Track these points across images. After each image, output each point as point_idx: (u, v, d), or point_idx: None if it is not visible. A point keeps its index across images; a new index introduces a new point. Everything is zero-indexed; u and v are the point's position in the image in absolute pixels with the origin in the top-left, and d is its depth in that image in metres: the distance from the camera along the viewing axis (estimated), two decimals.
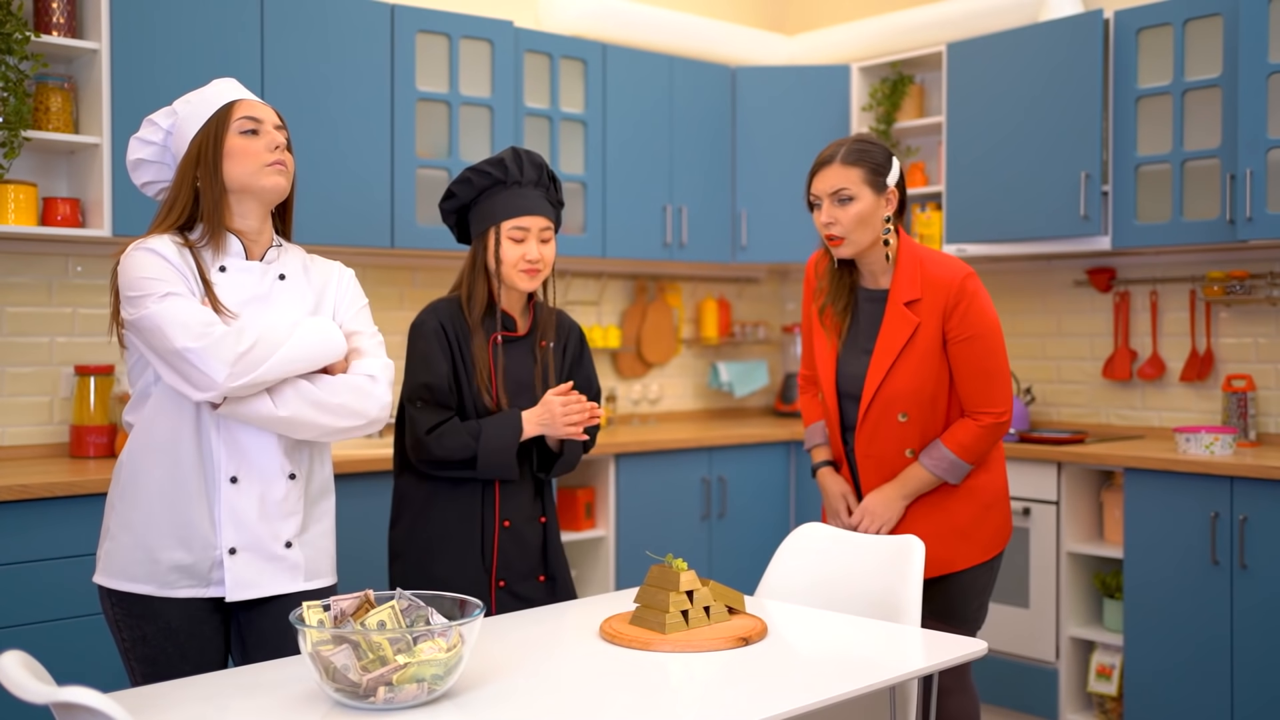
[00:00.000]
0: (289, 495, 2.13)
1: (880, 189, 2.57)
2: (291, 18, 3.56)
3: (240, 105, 2.13)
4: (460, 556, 2.49)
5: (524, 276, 2.51)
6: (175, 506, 2.07)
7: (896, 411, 2.58)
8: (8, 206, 3.17)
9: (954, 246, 4.32)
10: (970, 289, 2.55)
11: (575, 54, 4.27)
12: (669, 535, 4.18)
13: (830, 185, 2.56)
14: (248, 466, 2.09)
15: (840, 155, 2.57)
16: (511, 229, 2.49)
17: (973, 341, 2.55)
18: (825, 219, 2.57)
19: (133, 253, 2.06)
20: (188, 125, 2.13)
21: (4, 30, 3.07)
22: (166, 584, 2.07)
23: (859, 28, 4.79)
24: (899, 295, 2.57)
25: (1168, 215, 3.81)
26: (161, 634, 2.08)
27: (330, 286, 2.24)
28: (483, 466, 2.44)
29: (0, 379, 3.39)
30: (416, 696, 1.64)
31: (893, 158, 2.60)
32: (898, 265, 2.59)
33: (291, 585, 2.14)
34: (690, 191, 4.61)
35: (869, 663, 1.94)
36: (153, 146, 2.18)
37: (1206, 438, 3.56)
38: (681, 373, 5.08)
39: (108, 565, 2.11)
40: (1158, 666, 3.55)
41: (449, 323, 2.52)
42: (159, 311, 1.99)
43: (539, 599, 2.56)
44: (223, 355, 1.98)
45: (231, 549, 2.08)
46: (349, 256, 4.03)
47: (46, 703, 1.39)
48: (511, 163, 2.51)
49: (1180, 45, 3.77)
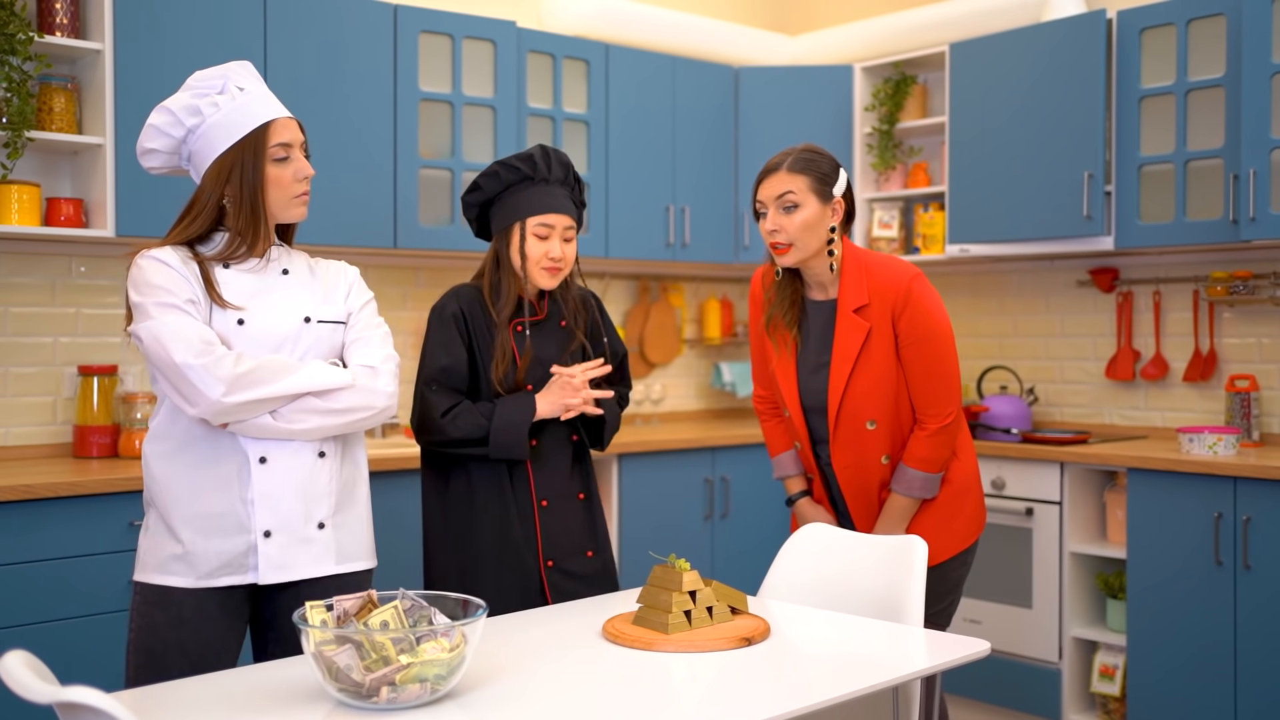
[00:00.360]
0: (319, 473, 2.14)
1: (826, 198, 2.54)
2: (295, 18, 3.57)
3: (275, 130, 2.13)
4: (503, 540, 2.50)
5: (545, 275, 2.53)
6: (208, 496, 2.08)
7: (864, 420, 2.58)
8: (11, 207, 3.18)
9: (957, 246, 4.32)
10: (917, 291, 2.53)
11: (578, 54, 4.27)
12: (672, 535, 4.18)
13: (775, 191, 2.54)
14: (276, 446, 2.10)
15: (787, 163, 2.55)
16: (536, 225, 2.51)
17: (921, 344, 2.54)
18: (770, 225, 2.55)
19: (139, 261, 2.07)
20: (217, 136, 2.12)
21: (7, 31, 3.07)
22: (205, 575, 2.08)
23: (862, 28, 4.79)
24: (847, 303, 2.56)
25: (1171, 215, 3.81)
26: (169, 623, 2.07)
27: (338, 280, 2.27)
28: (494, 445, 2.46)
29: (4, 379, 3.40)
30: (419, 696, 1.64)
31: (840, 169, 2.59)
32: (843, 273, 2.58)
33: (324, 568, 2.15)
34: (693, 191, 4.61)
35: (872, 663, 1.94)
36: (170, 140, 2.16)
37: (1210, 438, 3.56)
38: (684, 373, 5.08)
39: (145, 562, 2.12)
40: (1161, 667, 3.55)
41: (469, 308, 2.54)
42: (160, 325, 2.01)
43: (589, 574, 2.58)
44: (220, 373, 1.98)
45: (266, 532, 2.09)
46: (352, 256, 4.03)
47: (50, 702, 1.39)
48: (540, 160, 2.53)
49: (1183, 45, 3.76)
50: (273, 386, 2.03)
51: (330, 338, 2.19)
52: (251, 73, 2.20)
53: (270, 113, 2.14)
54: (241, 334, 2.09)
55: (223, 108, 2.12)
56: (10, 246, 3.39)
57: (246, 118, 2.12)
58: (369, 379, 2.15)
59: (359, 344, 2.21)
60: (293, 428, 2.08)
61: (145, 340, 2.02)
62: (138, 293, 2.05)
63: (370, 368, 2.17)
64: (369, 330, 2.24)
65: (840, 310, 2.57)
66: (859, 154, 4.71)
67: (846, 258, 2.58)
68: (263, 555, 2.09)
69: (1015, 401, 4.33)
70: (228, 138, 2.11)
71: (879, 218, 4.71)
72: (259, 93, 2.16)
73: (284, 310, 2.15)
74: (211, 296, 2.08)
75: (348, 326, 2.23)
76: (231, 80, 2.15)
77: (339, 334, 2.21)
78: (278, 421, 2.07)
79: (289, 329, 2.14)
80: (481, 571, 2.48)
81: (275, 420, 2.06)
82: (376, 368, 2.17)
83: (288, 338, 2.13)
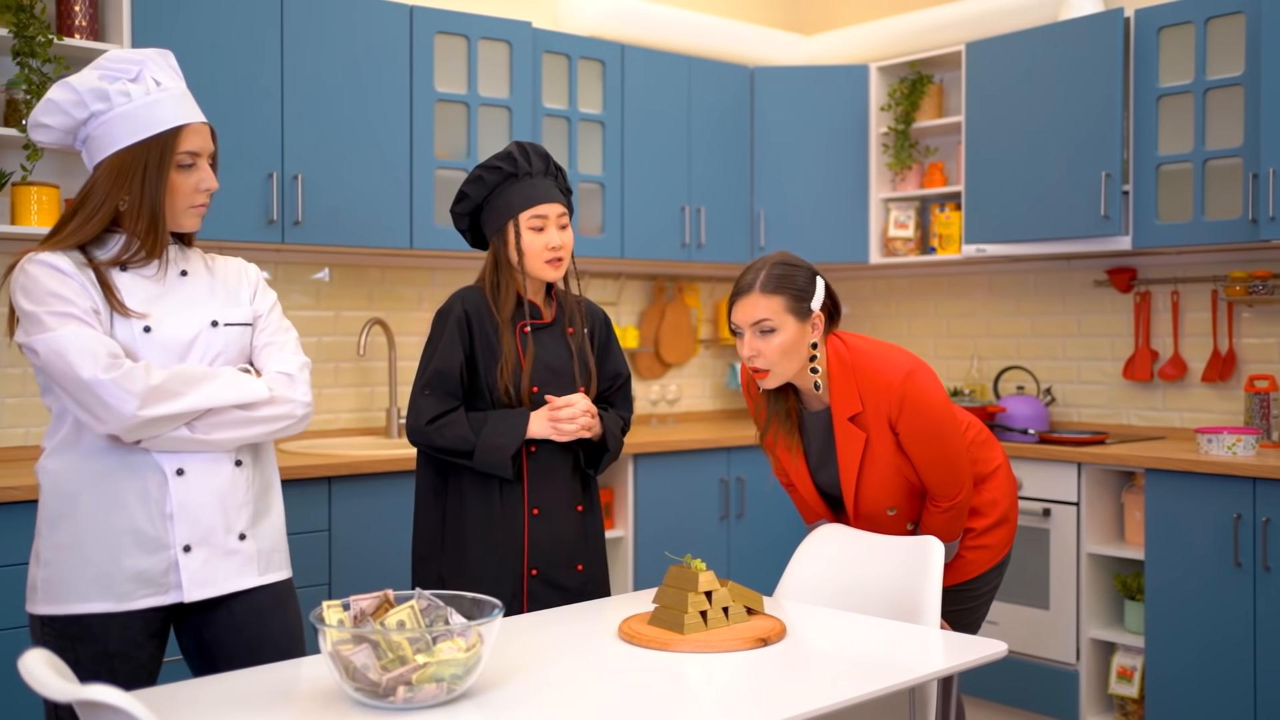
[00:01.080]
0: (238, 482, 2.06)
1: (804, 315, 2.39)
2: (311, 19, 3.58)
3: (185, 136, 2.00)
4: (486, 545, 2.48)
5: (548, 267, 2.50)
6: (122, 512, 1.96)
7: (884, 509, 2.54)
8: (31, 208, 3.20)
9: (973, 246, 4.30)
10: (911, 392, 2.41)
11: (593, 54, 4.27)
12: (687, 535, 4.18)
13: (750, 317, 2.38)
14: (192, 457, 2.00)
15: (759, 283, 2.38)
16: (530, 218, 2.49)
17: (923, 440, 2.46)
18: (748, 352, 2.40)
19: (27, 267, 1.94)
20: (120, 129, 1.97)
21: (27, 33, 3.09)
22: (124, 596, 1.96)
23: (877, 27, 4.78)
24: (840, 412, 2.46)
25: (1189, 215, 3.79)
26: (95, 658, 1.95)
27: (241, 280, 2.16)
28: (478, 462, 2.43)
29: (21, 379, 3.42)
30: (436, 696, 1.64)
31: (816, 277, 2.42)
32: (832, 381, 2.46)
33: (247, 580, 2.06)
34: (708, 192, 4.61)
35: (888, 664, 1.94)
36: (69, 119, 1.99)
37: (1229, 438, 3.54)
38: (700, 373, 5.08)
39: (49, 591, 1.96)
40: (1180, 668, 3.53)
41: (474, 309, 2.51)
42: (60, 337, 1.88)
43: (576, 588, 2.54)
44: (133, 388, 1.87)
45: (186, 546, 1.99)
46: (367, 257, 4.04)
47: (70, 700, 1.39)
48: (519, 155, 2.51)
49: (1202, 43, 3.74)
50: (188, 399, 1.93)
51: (239, 340, 2.09)
52: (172, 66, 2.06)
53: (183, 116, 2.00)
54: (148, 342, 1.98)
55: (134, 99, 1.97)
56: (29, 247, 3.40)
57: (157, 116, 1.97)
58: (287, 388, 2.07)
59: (271, 348, 2.13)
60: (211, 438, 1.98)
61: (43, 353, 1.89)
62: (30, 301, 1.91)
63: (287, 375, 2.09)
64: (280, 335, 2.15)
65: (836, 421, 2.48)
66: (875, 154, 4.70)
67: (833, 364, 2.46)
68: (184, 571, 1.99)
69: (1032, 402, 4.31)
70: (132, 134, 1.96)
71: (895, 218, 4.69)
72: (176, 91, 2.01)
73: (188, 315, 2.04)
74: (112, 304, 1.96)
75: (256, 330, 2.14)
76: (148, 70, 2.00)
77: (247, 336, 2.12)
78: (195, 434, 1.96)
79: (195, 334, 2.03)
80: (462, 574, 2.46)
81: (192, 432, 1.96)
82: (294, 375, 2.09)
83: (195, 343, 2.03)
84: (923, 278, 4.97)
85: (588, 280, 4.66)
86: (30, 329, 1.92)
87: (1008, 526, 2.65)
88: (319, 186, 3.61)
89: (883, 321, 5.11)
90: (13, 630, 2.79)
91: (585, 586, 2.56)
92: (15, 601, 2.77)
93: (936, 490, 2.51)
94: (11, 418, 3.40)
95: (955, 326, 4.86)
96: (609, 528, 4.09)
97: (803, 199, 4.69)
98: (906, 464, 2.50)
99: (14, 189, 3.21)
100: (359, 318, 4.05)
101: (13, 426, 3.40)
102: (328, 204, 3.62)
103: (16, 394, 3.40)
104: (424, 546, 2.55)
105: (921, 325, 4.96)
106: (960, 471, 2.51)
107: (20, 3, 3.08)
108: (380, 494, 3.43)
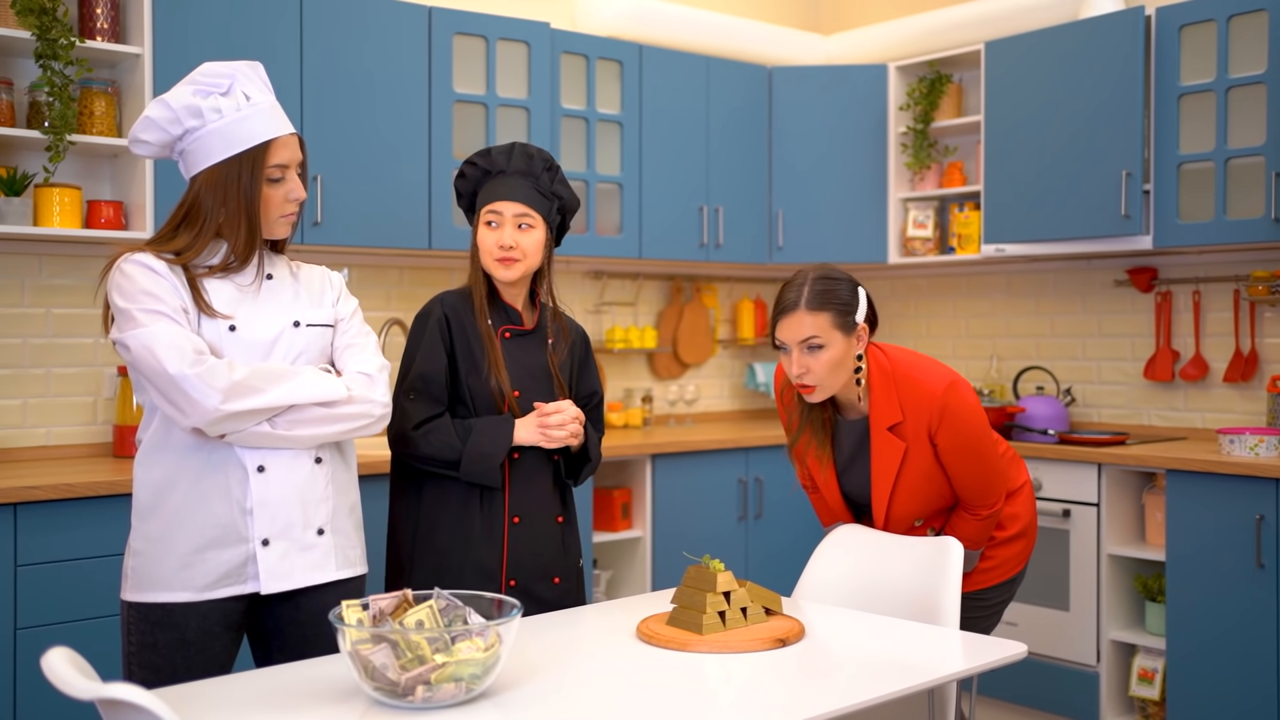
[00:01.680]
0: (317, 480, 2.12)
1: (850, 329, 2.38)
2: (330, 21, 3.59)
3: (274, 150, 2.08)
4: (466, 554, 2.43)
5: (498, 265, 2.44)
6: (205, 507, 2.04)
7: (911, 520, 2.54)
8: (53, 210, 3.22)
9: (992, 246, 4.29)
10: (953, 403, 2.40)
11: (611, 55, 4.27)
12: (705, 536, 4.18)
13: (798, 335, 2.37)
14: (273, 454, 2.07)
15: (804, 300, 2.36)
16: (486, 213, 2.45)
17: (961, 452, 2.45)
18: (796, 370, 2.38)
19: (124, 267, 2.02)
20: (214, 144, 2.06)
21: (50, 36, 3.11)
22: (205, 587, 2.04)
23: (896, 27, 4.77)
24: (880, 421, 2.44)
25: (1211, 214, 3.77)
26: (172, 644, 2.05)
27: (325, 285, 2.23)
28: (465, 472, 2.39)
29: (45, 379, 3.44)
30: (454, 696, 1.64)
31: (858, 288, 2.41)
32: (872, 390, 2.45)
33: (323, 575, 2.12)
34: (726, 192, 4.60)
35: (907, 665, 1.93)
36: (165, 135, 2.08)
37: (1251, 439, 3.51)
38: (718, 373, 5.07)
39: (138, 580, 2.07)
40: (1201, 670, 3.51)
41: (453, 312, 2.47)
42: (151, 333, 1.96)
43: (553, 600, 2.49)
44: (216, 383, 1.94)
45: (264, 540, 2.06)
46: (386, 258, 4.06)
47: (92, 699, 1.40)
48: (498, 153, 2.48)
49: (1224, 41, 3.72)
50: (269, 395, 2.00)
51: (320, 341, 2.16)
52: (261, 78, 2.14)
53: (272, 130, 2.08)
54: (233, 340, 2.05)
55: (225, 115, 2.06)
56: (52, 249, 3.44)
57: (248, 132, 2.06)
58: (366, 388, 2.13)
59: (352, 350, 2.19)
60: (291, 434, 2.05)
61: (134, 349, 1.97)
62: (124, 298, 1.99)
63: (367, 375, 2.15)
64: (360, 337, 2.21)
65: (874, 429, 2.46)
66: (893, 153, 4.69)
67: (874, 374, 2.45)
68: (262, 564, 2.06)
69: (1052, 402, 4.29)
70: (225, 149, 2.05)
71: (914, 217, 4.68)
72: (265, 104, 2.10)
73: (272, 316, 2.11)
74: (199, 305, 2.04)
75: (337, 332, 2.20)
76: (238, 84, 2.09)
77: (327, 337, 2.18)
78: (276, 429, 2.03)
79: (278, 333, 2.10)
80: (443, 583, 2.40)
81: (273, 428, 2.03)
82: (373, 376, 2.15)
83: (278, 343, 2.10)
84: (941, 278, 4.95)
85: (605, 281, 4.66)
86: (123, 325, 2.00)
87: (1026, 541, 2.64)
88: (338, 187, 3.62)
89: (901, 322, 5.09)
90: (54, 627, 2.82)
91: (562, 600, 2.50)
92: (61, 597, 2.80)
93: (973, 501, 2.51)
94: (35, 417, 3.43)
95: (974, 327, 4.84)
96: (626, 528, 4.10)
97: (821, 199, 4.68)
98: (940, 478, 2.49)
99: (37, 190, 3.23)
100: (378, 318, 4.06)
101: (35, 426, 3.43)
102: (347, 205, 3.64)
103: (39, 394, 3.43)
104: (401, 558, 2.49)
105: (940, 325, 4.95)
106: (996, 482, 2.51)
107: (43, 5, 3.11)
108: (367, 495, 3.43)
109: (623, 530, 4.07)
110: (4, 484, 2.83)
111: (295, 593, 2.13)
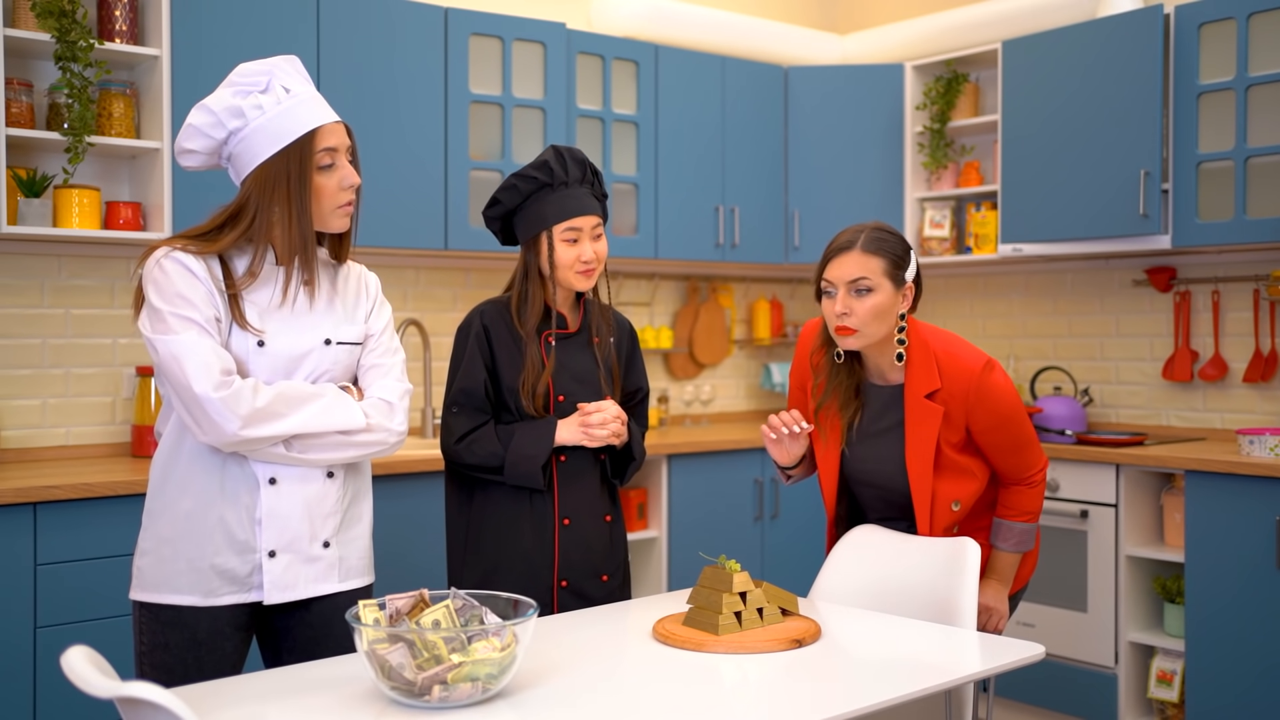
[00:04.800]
0: (328, 494, 2.11)
1: (900, 283, 2.39)
2: (347, 22, 3.61)
3: (320, 136, 2.04)
4: (519, 556, 2.46)
5: (581, 278, 2.47)
6: (215, 513, 2.03)
7: (949, 503, 2.48)
8: (72, 210, 3.24)
9: (1009, 246, 4.27)
10: (989, 384, 2.40)
11: (627, 55, 4.28)
12: (722, 536, 4.17)
13: (849, 274, 2.36)
14: (286, 468, 2.06)
15: (861, 242, 2.37)
16: (564, 231, 2.45)
17: (998, 431, 2.44)
18: (840, 309, 2.36)
19: (163, 262, 1.98)
20: (260, 141, 2.01)
21: (69, 38, 3.13)
22: (211, 592, 2.04)
23: (912, 26, 4.75)
24: (917, 388, 2.41)
25: (1230, 213, 3.74)
26: (184, 644, 2.05)
27: (361, 295, 2.21)
28: (509, 476, 2.42)
29: (65, 379, 3.46)
30: (471, 695, 1.65)
31: (910, 250, 2.43)
32: (910, 356, 2.43)
33: (326, 587, 2.12)
34: (742, 192, 4.60)
35: (924, 666, 1.93)
36: (210, 141, 2.04)
37: (1271, 440, 3.49)
38: (734, 373, 5.07)
39: (145, 580, 2.06)
40: (1221, 672, 3.49)
41: (493, 324, 2.49)
42: (180, 344, 1.94)
43: (602, 599, 2.52)
44: (239, 410, 1.94)
45: (271, 551, 2.06)
46: (403, 258, 4.06)
47: (111, 697, 1.41)
48: (555, 164, 2.46)
49: (1244, 40, 3.69)
50: (289, 421, 1.99)
51: (347, 359, 2.14)
52: (298, 70, 2.09)
53: (317, 118, 2.04)
54: (259, 355, 2.03)
55: (267, 110, 2.01)
56: (71, 249, 3.46)
57: (292, 124, 2.01)
58: (385, 416, 2.11)
59: (377, 371, 2.17)
60: (305, 457, 2.05)
61: (162, 355, 1.95)
62: (159, 297, 1.96)
63: (388, 403, 2.13)
64: (388, 357, 2.19)
65: (909, 396, 2.43)
66: (910, 153, 4.68)
67: (913, 340, 2.43)
68: (267, 574, 2.05)
69: (1070, 403, 4.27)
70: (271, 145, 2.01)
71: (930, 217, 4.67)
72: (305, 94, 2.05)
73: (303, 332, 2.08)
74: (235, 315, 2.01)
75: (366, 349, 2.18)
76: (276, 79, 2.05)
77: (355, 355, 2.16)
78: (290, 452, 2.03)
79: (308, 350, 2.08)
80: (495, 586, 2.44)
81: (288, 450, 2.03)
82: (393, 404, 2.13)
83: (306, 359, 2.08)
84: (958, 277, 4.93)
85: (621, 281, 4.66)
86: (154, 323, 1.97)
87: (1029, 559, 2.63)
88: None
89: None
90: (73, 625, 2.84)
91: (611, 596, 2.54)
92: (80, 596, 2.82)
93: (1019, 475, 2.50)
94: (54, 417, 3.45)
95: (991, 326, 4.82)
96: (643, 528, 4.10)
97: (837, 198, 4.67)
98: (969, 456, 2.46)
99: (56, 191, 3.25)
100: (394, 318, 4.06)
101: (54, 426, 3.45)
102: (363, 205, 3.63)
103: (59, 394, 3.45)
104: (457, 562, 2.54)
105: (957, 325, 4.93)
106: (1036, 450, 2.51)
107: (62, 8, 3.12)
108: (415, 494, 3.44)
109: (639, 530, 4.07)
110: (24, 483, 2.86)
111: (303, 604, 2.13)
